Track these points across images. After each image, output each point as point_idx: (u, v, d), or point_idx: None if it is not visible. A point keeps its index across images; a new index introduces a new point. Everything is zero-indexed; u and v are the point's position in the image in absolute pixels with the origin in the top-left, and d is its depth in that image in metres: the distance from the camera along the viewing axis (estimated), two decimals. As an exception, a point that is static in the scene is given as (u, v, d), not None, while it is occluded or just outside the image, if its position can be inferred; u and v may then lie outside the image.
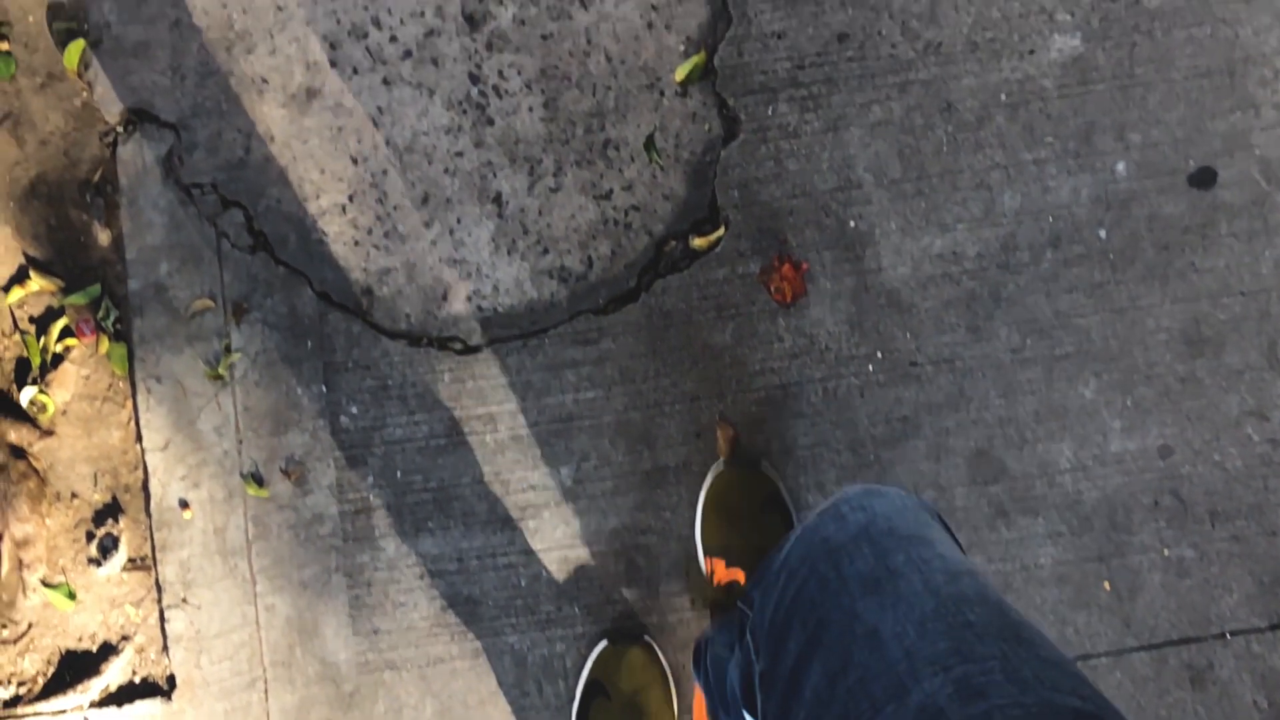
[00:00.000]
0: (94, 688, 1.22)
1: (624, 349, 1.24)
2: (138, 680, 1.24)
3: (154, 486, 1.23)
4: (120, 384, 1.25)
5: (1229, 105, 1.25)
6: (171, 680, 1.23)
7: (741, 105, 1.25)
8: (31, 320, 1.25)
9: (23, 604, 1.23)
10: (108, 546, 1.23)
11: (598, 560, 1.23)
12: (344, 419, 1.24)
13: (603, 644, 1.20)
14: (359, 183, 1.25)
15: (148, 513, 1.24)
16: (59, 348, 1.24)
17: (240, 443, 1.24)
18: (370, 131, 1.25)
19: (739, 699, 0.79)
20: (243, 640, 1.23)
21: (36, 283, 1.25)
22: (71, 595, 1.22)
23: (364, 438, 1.24)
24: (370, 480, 1.23)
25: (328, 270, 1.25)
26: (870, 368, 1.24)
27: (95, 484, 1.25)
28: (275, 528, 1.23)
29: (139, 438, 1.24)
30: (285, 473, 1.23)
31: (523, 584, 1.23)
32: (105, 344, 1.24)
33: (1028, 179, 1.24)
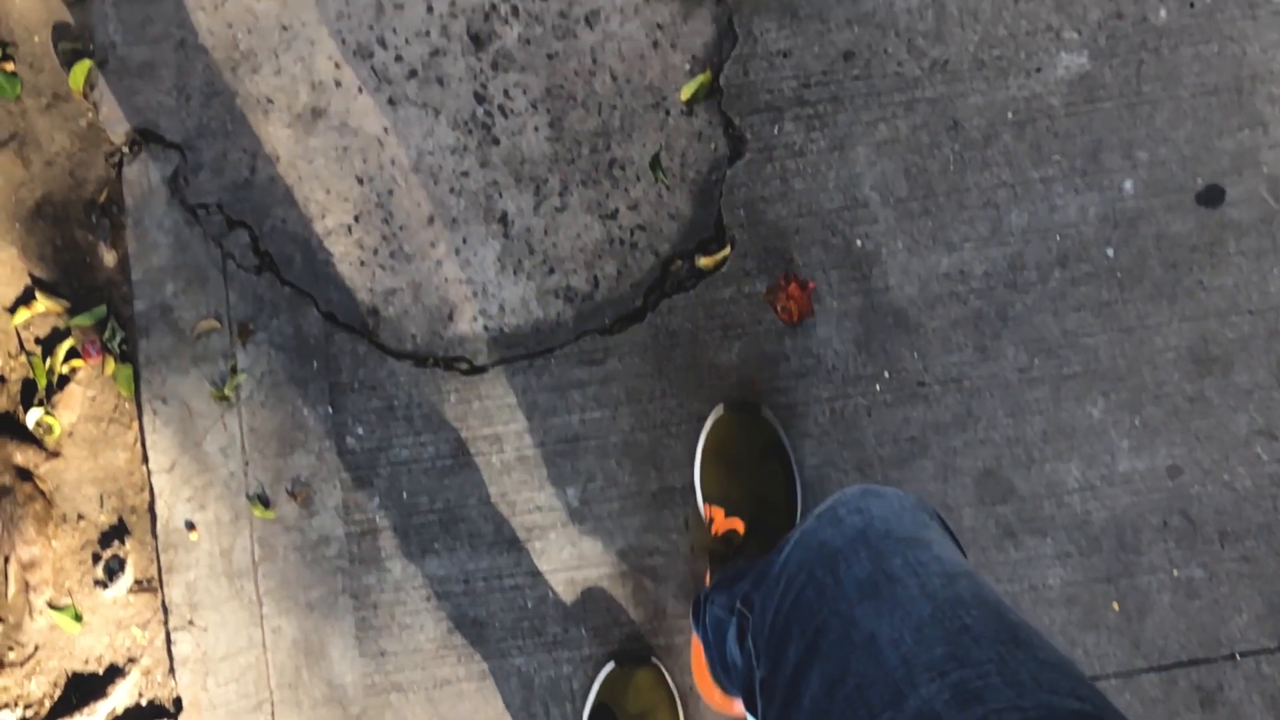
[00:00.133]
0: (100, 710, 1.22)
1: (630, 369, 1.24)
2: (144, 703, 1.24)
3: (160, 508, 1.23)
4: (126, 405, 1.25)
5: (1237, 123, 1.24)
6: (178, 703, 1.23)
7: (747, 124, 1.24)
8: (38, 341, 1.25)
9: (29, 626, 1.23)
10: (114, 568, 1.23)
11: (604, 582, 1.23)
12: (350, 440, 1.23)
13: (610, 666, 1.19)
14: (364, 203, 1.25)
15: (154, 534, 1.24)
16: (65, 369, 1.24)
17: (246, 464, 1.24)
18: (376, 151, 1.25)
19: (738, 669, 0.79)
20: (249, 662, 1.23)
21: (42, 304, 1.24)
22: (78, 617, 1.22)
23: (370, 459, 1.23)
24: (376, 501, 1.23)
25: (333, 290, 1.25)
26: (877, 387, 1.23)
27: (101, 505, 1.25)
28: (281, 549, 1.23)
29: (145, 459, 1.24)
30: (291, 494, 1.23)
31: (529, 606, 1.23)
32: (111, 365, 1.24)
33: (1035, 197, 1.24)
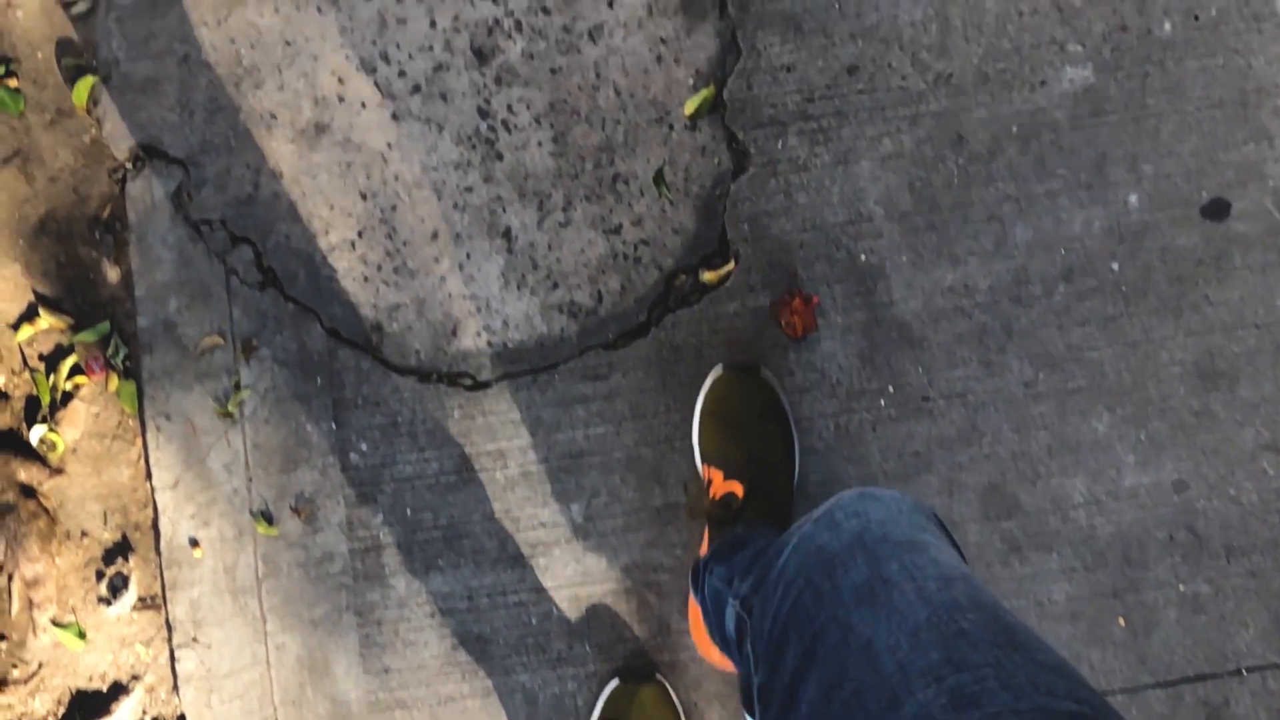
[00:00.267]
0: (104, 728, 1.22)
1: (634, 384, 1.23)
2: (148, 720, 1.24)
3: (164, 525, 1.23)
4: (130, 422, 1.25)
5: (1242, 136, 1.24)
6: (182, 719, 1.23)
7: (751, 139, 1.24)
8: (41, 358, 1.25)
9: (33, 644, 1.23)
10: (118, 585, 1.23)
11: (609, 598, 1.22)
12: (354, 456, 1.23)
13: (614, 683, 1.19)
14: (368, 218, 1.25)
15: (158, 551, 1.23)
16: (68, 385, 1.24)
17: (250, 480, 1.24)
18: (379, 167, 1.25)
19: (735, 641, 0.79)
20: (253, 679, 1.23)
21: (46, 320, 1.24)
22: (82, 635, 1.22)
23: (374, 475, 1.23)
24: (380, 518, 1.23)
25: (337, 306, 1.25)
26: (882, 402, 1.23)
27: (105, 522, 1.25)
28: (285, 566, 1.23)
29: (149, 476, 1.24)
30: (295, 510, 1.23)
31: (534, 622, 1.22)
32: (115, 381, 1.24)
33: (1039, 211, 1.24)
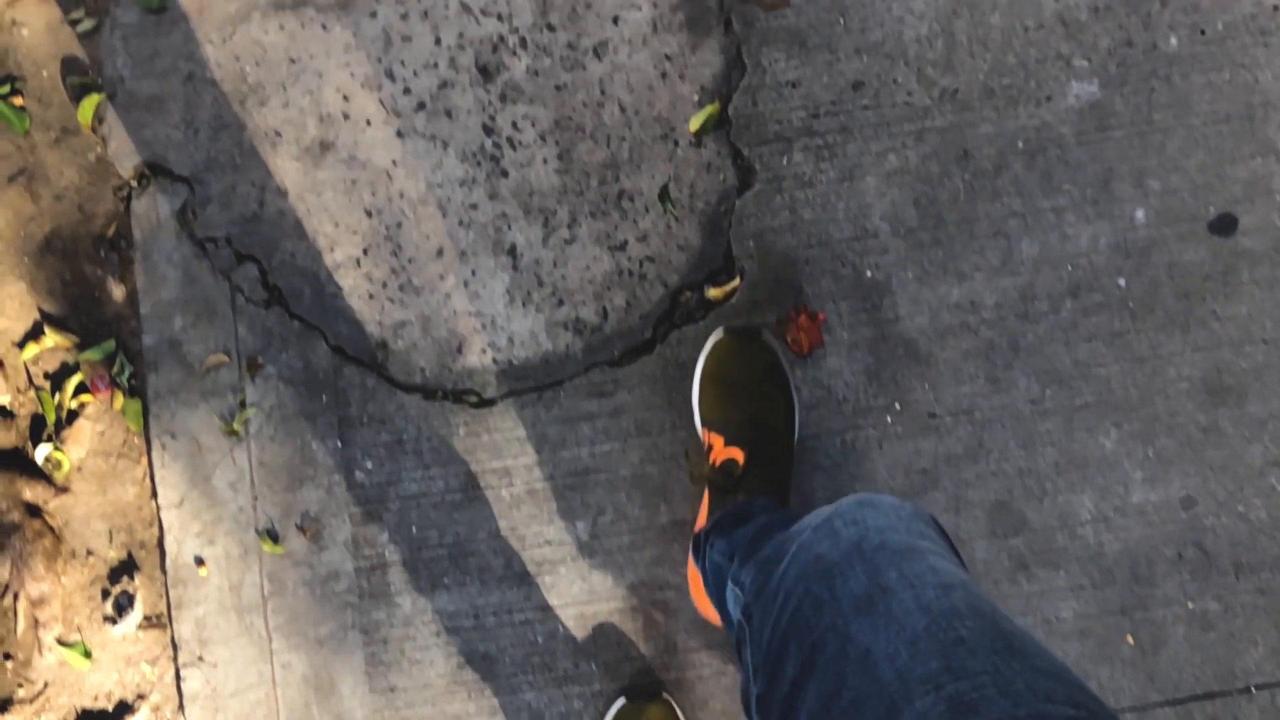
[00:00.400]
0: (110, 747, 1.22)
1: (640, 401, 1.23)
2: (154, 739, 1.24)
3: (169, 543, 1.23)
4: (135, 440, 1.25)
5: (1249, 151, 1.23)
6: (187, 738, 1.23)
7: (756, 155, 1.24)
8: (46, 376, 1.25)
9: (39, 663, 1.23)
10: (123, 604, 1.23)
11: (615, 616, 1.22)
12: (359, 474, 1.23)
13: (621, 701, 1.19)
14: (373, 236, 1.25)
15: (163, 570, 1.23)
16: (74, 404, 1.24)
17: (255, 498, 1.23)
18: (384, 184, 1.25)
19: (735, 647, 0.79)
20: (259, 698, 1.22)
21: (51, 338, 1.24)
22: (87, 654, 1.22)
23: (379, 493, 1.23)
24: (386, 536, 1.23)
25: (342, 324, 1.25)
26: (888, 419, 1.23)
27: (110, 541, 1.24)
28: (291, 584, 1.23)
29: (154, 494, 1.24)
30: (300, 529, 1.23)
31: (540, 640, 1.22)
32: (120, 400, 1.24)
33: (1046, 227, 1.23)
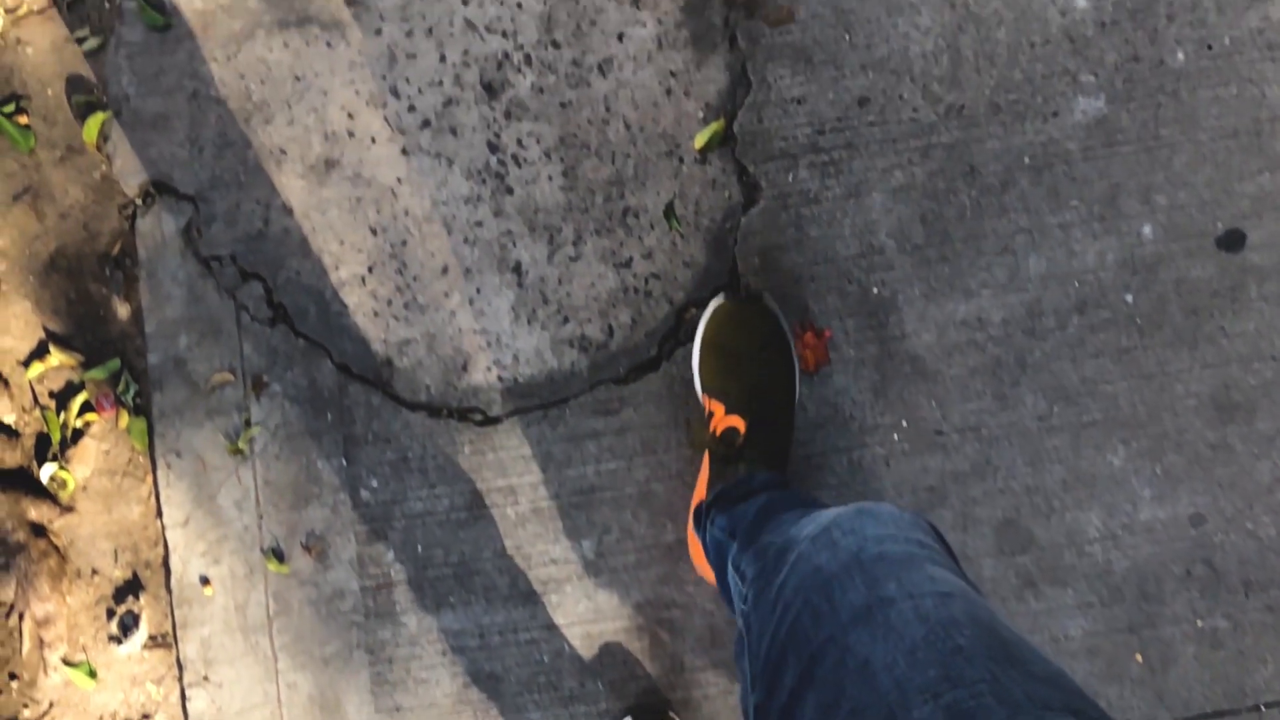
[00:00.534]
0: (115, 767, 1.22)
1: (645, 419, 1.23)
2: (159, 760, 1.23)
3: (174, 563, 1.23)
4: (140, 459, 1.24)
5: (1257, 166, 1.23)
6: (193, 758, 1.23)
7: (761, 172, 1.24)
8: (51, 395, 1.25)
9: (44, 683, 1.22)
10: (128, 624, 1.23)
11: (621, 635, 1.22)
12: (364, 493, 1.23)
13: (627, 721, 1.19)
14: (378, 253, 1.25)
15: (168, 589, 1.23)
16: (79, 423, 1.24)
17: (261, 518, 1.23)
18: (389, 202, 1.25)
19: (734, 655, 0.79)
20: (264, 718, 1.22)
21: (56, 357, 1.24)
22: (92, 674, 1.22)
23: (385, 511, 1.23)
24: (391, 555, 1.22)
25: (347, 342, 1.24)
26: (895, 437, 1.22)
27: (116, 560, 1.24)
28: (296, 604, 1.23)
29: (159, 513, 1.24)
30: (306, 548, 1.22)
31: (545, 660, 1.22)
32: (125, 419, 1.24)
33: (1053, 243, 1.23)
